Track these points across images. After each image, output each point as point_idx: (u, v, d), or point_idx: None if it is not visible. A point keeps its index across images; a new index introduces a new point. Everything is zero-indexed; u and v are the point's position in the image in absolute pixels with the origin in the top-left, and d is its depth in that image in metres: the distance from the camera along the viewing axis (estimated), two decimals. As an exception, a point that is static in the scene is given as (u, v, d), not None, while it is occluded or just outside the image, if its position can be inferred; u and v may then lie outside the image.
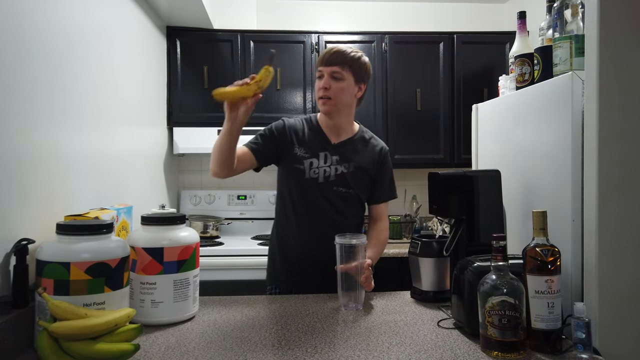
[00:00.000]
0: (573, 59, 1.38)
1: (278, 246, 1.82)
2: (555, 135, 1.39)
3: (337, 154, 1.75)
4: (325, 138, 1.77)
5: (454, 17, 3.62)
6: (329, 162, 1.74)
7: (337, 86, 1.69)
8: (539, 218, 1.20)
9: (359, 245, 1.48)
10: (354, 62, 1.71)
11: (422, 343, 1.21)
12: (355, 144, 1.79)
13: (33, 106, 1.35)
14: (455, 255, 1.50)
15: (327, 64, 1.69)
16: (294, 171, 1.74)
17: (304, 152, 1.74)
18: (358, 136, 1.81)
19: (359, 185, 1.76)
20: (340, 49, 1.71)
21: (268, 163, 1.78)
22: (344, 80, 1.70)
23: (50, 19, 1.47)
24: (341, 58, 1.69)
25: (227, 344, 1.22)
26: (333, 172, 1.74)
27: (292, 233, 1.77)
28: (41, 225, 1.33)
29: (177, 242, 1.38)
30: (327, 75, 1.69)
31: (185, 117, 3.07)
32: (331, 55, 1.69)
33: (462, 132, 3.17)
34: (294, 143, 1.76)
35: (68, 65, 1.59)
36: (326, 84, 1.68)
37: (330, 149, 1.76)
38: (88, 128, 1.75)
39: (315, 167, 1.73)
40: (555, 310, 1.15)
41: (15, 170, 1.26)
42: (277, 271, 1.82)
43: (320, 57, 1.73)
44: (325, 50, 1.74)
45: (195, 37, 3.09)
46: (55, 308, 1.07)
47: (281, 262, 1.80)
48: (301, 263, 1.75)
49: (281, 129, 1.78)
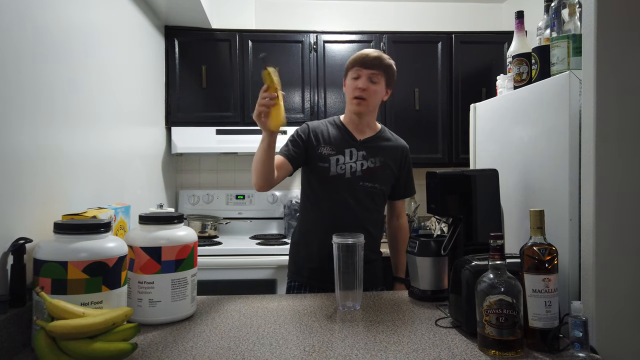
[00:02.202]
0: (570, 58, 1.38)
1: (302, 243, 1.86)
2: (552, 134, 1.39)
3: (364, 150, 1.82)
4: (351, 135, 1.85)
5: (452, 17, 3.62)
6: (355, 158, 1.81)
7: (373, 88, 1.78)
8: (537, 217, 1.20)
9: (356, 244, 1.48)
10: (388, 68, 1.81)
11: (419, 342, 1.22)
12: (379, 140, 1.87)
13: (31, 105, 1.35)
14: (453, 254, 1.50)
15: (367, 66, 1.77)
16: (319, 170, 1.80)
17: (330, 150, 1.81)
18: (381, 134, 1.90)
19: (385, 181, 1.83)
20: (379, 54, 1.79)
21: (300, 166, 1.86)
22: (379, 83, 1.79)
23: (48, 19, 1.47)
24: (380, 62, 1.78)
25: (224, 343, 1.22)
26: (359, 167, 1.80)
27: (315, 231, 1.81)
28: (39, 225, 1.33)
29: (175, 242, 1.37)
30: (365, 77, 1.77)
31: (183, 116, 3.07)
32: (373, 59, 1.77)
33: (460, 131, 3.17)
34: (319, 143, 1.82)
35: (66, 65, 1.59)
36: (364, 85, 1.76)
37: (356, 145, 1.83)
38: (86, 127, 1.75)
39: (342, 163, 1.80)
40: (552, 309, 1.15)
41: (13, 169, 1.25)
42: (299, 266, 1.86)
43: (359, 59, 1.78)
44: (363, 53, 1.79)
45: (193, 37, 3.08)
46: (52, 307, 1.07)
47: (304, 258, 1.84)
48: (324, 259, 1.72)
49: (307, 132, 1.85)
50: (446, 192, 1.52)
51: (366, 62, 1.77)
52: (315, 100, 3.14)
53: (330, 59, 3.17)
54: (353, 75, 1.79)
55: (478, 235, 1.50)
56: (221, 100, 3.10)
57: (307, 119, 3.04)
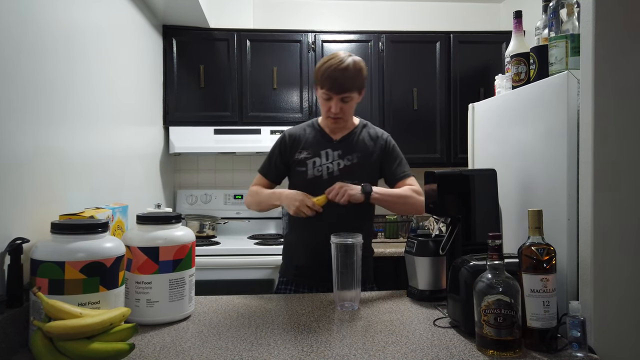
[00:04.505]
0: (569, 58, 1.38)
1: (290, 242, 1.92)
2: (551, 134, 1.39)
3: (339, 149, 1.81)
4: (327, 137, 1.85)
5: (450, 17, 3.62)
6: (332, 158, 1.81)
7: (347, 106, 1.76)
8: (535, 217, 1.20)
9: (355, 244, 1.48)
10: (360, 83, 1.76)
11: (418, 342, 1.21)
12: (356, 136, 1.85)
13: (28, 105, 1.35)
14: (451, 254, 1.50)
15: (337, 92, 1.71)
16: (298, 174, 1.82)
17: (307, 154, 1.82)
18: (359, 129, 1.88)
19: (365, 175, 1.79)
20: (348, 74, 1.70)
21: (283, 178, 1.92)
22: (352, 99, 1.77)
23: (46, 18, 1.47)
24: (350, 84, 1.72)
25: (222, 343, 1.21)
26: (336, 167, 1.80)
27: (300, 231, 1.84)
28: (36, 225, 1.33)
29: (172, 242, 1.37)
30: (336, 100, 1.73)
31: (181, 116, 3.07)
32: (343, 83, 1.70)
33: (459, 131, 3.17)
34: (296, 149, 1.84)
35: (64, 64, 1.58)
36: (337, 109, 1.74)
37: (331, 146, 1.83)
38: (83, 127, 1.74)
39: (318, 166, 1.80)
40: (550, 309, 1.15)
41: (10, 169, 1.25)
42: (287, 264, 1.91)
43: (326, 80, 1.70)
44: (328, 73, 1.70)
45: (191, 36, 3.08)
46: (49, 307, 1.07)
47: (292, 257, 1.88)
48: (310, 258, 1.80)
49: (284, 142, 1.87)
50: (444, 192, 1.52)
51: (335, 88, 1.71)
52: (314, 99, 3.14)
53: (329, 59, 3.16)
54: (323, 97, 1.75)
55: (476, 235, 1.50)
56: (219, 100, 3.10)
57: (306, 118, 3.04)
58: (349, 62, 1.71)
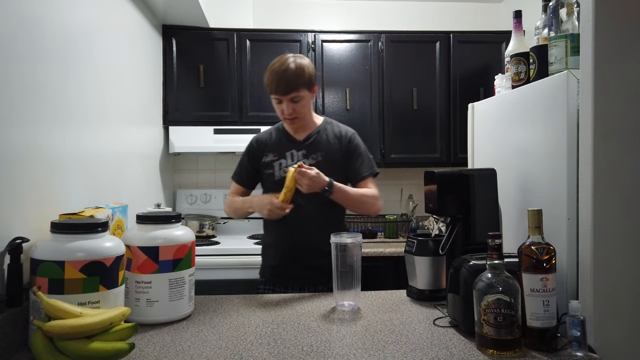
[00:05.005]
0: (568, 57, 1.38)
1: (264, 243, 1.96)
2: (550, 133, 1.39)
3: (304, 149, 1.85)
4: (291, 138, 1.89)
5: (450, 17, 3.62)
6: (296, 159, 1.85)
7: (299, 106, 1.79)
8: (535, 216, 1.20)
9: (354, 243, 1.48)
10: (305, 80, 1.77)
11: (417, 341, 1.21)
12: (319, 135, 1.89)
13: (28, 105, 1.35)
14: (451, 253, 1.50)
15: (283, 93, 1.75)
16: (266, 177, 1.88)
17: (273, 157, 1.87)
18: (322, 127, 1.91)
19: (330, 173, 1.77)
20: (289, 74, 1.73)
21: (257, 183, 1.97)
22: (303, 97, 1.79)
23: (45, 18, 1.46)
24: (295, 83, 1.74)
25: (222, 343, 1.21)
26: None
27: (272, 232, 1.89)
28: (35, 224, 1.33)
29: (172, 241, 1.37)
30: (286, 102, 1.77)
31: (181, 116, 3.07)
32: (286, 85, 1.74)
33: (458, 131, 3.17)
34: (263, 153, 1.90)
35: (63, 64, 1.58)
36: (289, 110, 1.78)
37: (295, 146, 1.87)
38: (83, 127, 1.74)
39: (284, 167, 1.84)
40: (550, 309, 1.15)
41: (10, 169, 1.25)
42: (264, 265, 1.96)
43: (271, 84, 1.76)
44: (272, 77, 1.75)
45: (191, 36, 3.08)
46: (49, 307, 1.07)
47: (267, 258, 1.93)
48: (284, 258, 1.84)
49: (252, 148, 1.94)
50: (444, 192, 1.52)
51: (280, 90, 1.75)
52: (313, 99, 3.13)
53: (329, 59, 3.17)
54: (274, 101, 1.81)
55: (476, 235, 1.50)
56: (219, 100, 3.10)
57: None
58: (289, 62, 1.75)
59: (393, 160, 3.18)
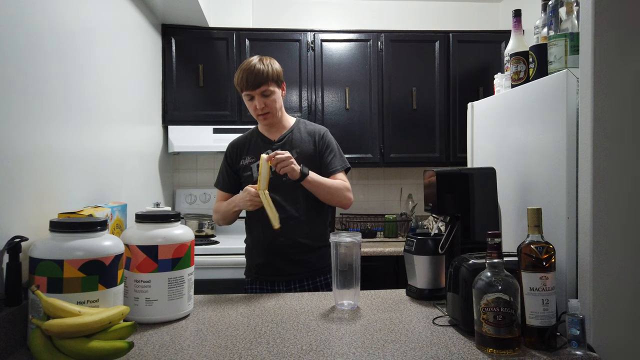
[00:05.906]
0: (568, 56, 1.38)
1: (248, 243, 1.97)
2: (550, 132, 1.39)
3: (279, 148, 1.88)
4: (266, 139, 1.95)
5: (449, 16, 3.62)
6: None
7: (270, 101, 1.86)
8: (534, 215, 1.20)
9: (353, 242, 1.48)
10: (273, 74, 1.85)
11: (417, 340, 1.21)
12: (293, 134, 1.94)
13: (27, 103, 1.35)
14: (450, 252, 1.50)
15: (253, 87, 1.82)
16: (245, 179, 1.91)
17: (250, 159, 1.92)
18: (295, 127, 1.96)
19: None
20: (257, 68, 1.82)
21: (239, 187, 1.98)
22: (273, 92, 1.86)
23: (44, 17, 1.46)
24: (263, 77, 1.82)
25: (221, 342, 1.21)
26: None
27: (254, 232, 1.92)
28: (34, 223, 1.33)
29: (171, 240, 1.37)
30: (258, 96, 1.84)
31: (180, 115, 3.07)
32: (255, 79, 1.81)
33: (458, 130, 3.18)
34: (240, 156, 1.95)
35: (62, 63, 1.58)
36: (261, 105, 1.84)
37: (271, 147, 1.91)
38: (82, 126, 1.74)
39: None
40: (549, 307, 1.15)
41: (9, 168, 1.25)
42: (249, 264, 1.97)
43: (242, 81, 1.83)
44: (243, 75, 1.83)
45: (190, 35, 3.08)
46: (48, 306, 1.07)
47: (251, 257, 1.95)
48: (268, 256, 1.87)
49: (228, 154, 1.99)
50: (444, 191, 1.52)
51: (250, 83, 1.81)
52: (313, 99, 3.14)
53: (328, 58, 3.17)
54: (246, 99, 1.87)
55: (475, 234, 1.50)
56: (218, 99, 3.10)
57: (305, 117, 3.04)
58: (255, 60, 1.85)
59: (392, 159, 3.18)
